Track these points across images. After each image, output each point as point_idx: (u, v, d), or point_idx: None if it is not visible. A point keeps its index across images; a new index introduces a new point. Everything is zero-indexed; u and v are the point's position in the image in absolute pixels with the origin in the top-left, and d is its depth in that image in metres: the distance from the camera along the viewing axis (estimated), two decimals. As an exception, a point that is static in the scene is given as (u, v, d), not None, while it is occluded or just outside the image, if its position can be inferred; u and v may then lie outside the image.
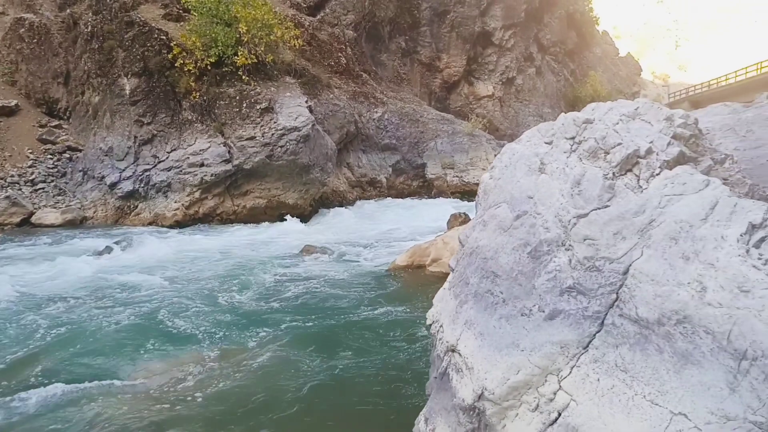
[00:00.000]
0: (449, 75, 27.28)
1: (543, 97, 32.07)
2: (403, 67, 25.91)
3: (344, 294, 7.60)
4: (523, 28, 29.55)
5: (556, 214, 2.96)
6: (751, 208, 2.44)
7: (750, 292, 2.21)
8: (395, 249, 10.89)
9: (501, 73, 29.02)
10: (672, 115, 3.02)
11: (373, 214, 16.00)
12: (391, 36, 25.27)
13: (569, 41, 35.49)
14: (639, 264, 2.61)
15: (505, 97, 29.71)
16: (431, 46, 26.63)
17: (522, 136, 3.70)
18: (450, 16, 26.46)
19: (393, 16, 24.65)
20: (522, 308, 2.89)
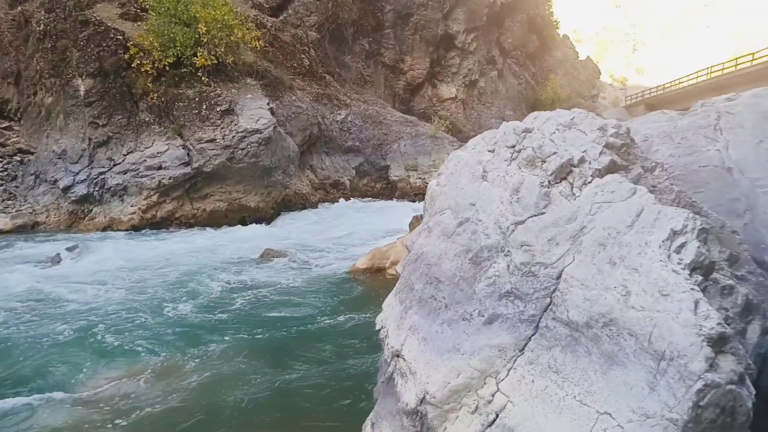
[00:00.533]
0: (413, 77, 27.46)
1: (505, 100, 32.62)
2: (366, 69, 25.94)
3: (301, 299, 7.53)
4: (485, 31, 30.00)
5: (496, 221, 3.05)
6: (673, 215, 2.57)
7: (669, 295, 2.34)
8: (356, 252, 10.92)
9: (464, 76, 29.38)
10: (605, 125, 3.15)
11: (336, 216, 15.96)
12: (354, 38, 25.27)
13: (530, 45, 36.20)
14: (571, 269, 2.72)
15: (468, 99, 30.09)
16: (395, 49, 26.75)
17: (468, 143, 3.79)
18: (413, 19, 26.65)
19: (356, 18, 24.66)
20: (463, 313, 2.97)
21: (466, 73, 29.43)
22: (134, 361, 5.53)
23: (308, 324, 6.48)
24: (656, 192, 2.98)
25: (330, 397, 4.61)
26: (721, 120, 4.21)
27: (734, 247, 3.02)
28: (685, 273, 2.42)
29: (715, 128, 4.18)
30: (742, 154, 3.97)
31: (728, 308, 2.61)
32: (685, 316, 2.24)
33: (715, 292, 2.63)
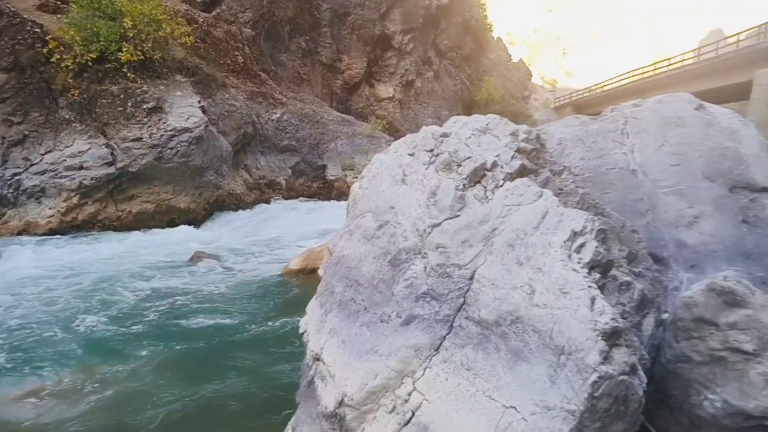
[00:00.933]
0: (350, 76, 27.44)
1: (441, 100, 33.23)
2: (303, 67, 25.68)
3: (229, 305, 7.32)
4: (422, 32, 30.42)
5: (414, 224, 3.12)
6: (575, 217, 2.72)
7: (569, 293, 2.48)
8: (290, 253, 10.80)
9: (401, 76, 29.67)
10: (517, 130, 3.29)
11: (271, 216, 15.71)
12: (291, 36, 24.95)
13: (465, 47, 37.04)
14: (482, 270, 2.82)
15: (405, 99, 30.42)
16: (332, 48, 26.63)
17: (390, 146, 3.85)
18: (350, 18, 26.62)
19: (293, 15, 24.35)
20: (381, 315, 3.01)
21: (403, 73, 29.73)
22: (35, 381, 5.03)
23: (235, 330, 6.27)
24: (562, 194, 3.14)
25: (254, 405, 4.50)
26: (627, 125, 4.48)
27: (633, 246, 3.23)
28: (584, 271, 2.57)
29: (622, 132, 4.45)
30: (645, 157, 4.25)
31: (625, 303, 2.79)
32: (582, 313, 2.38)
33: (614, 289, 2.81)
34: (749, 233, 3.80)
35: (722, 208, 3.90)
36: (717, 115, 4.35)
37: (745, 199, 3.92)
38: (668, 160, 4.14)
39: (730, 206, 3.91)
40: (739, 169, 4.02)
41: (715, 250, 3.77)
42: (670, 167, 4.11)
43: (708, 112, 4.37)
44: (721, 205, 3.92)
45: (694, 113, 4.35)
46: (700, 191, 3.98)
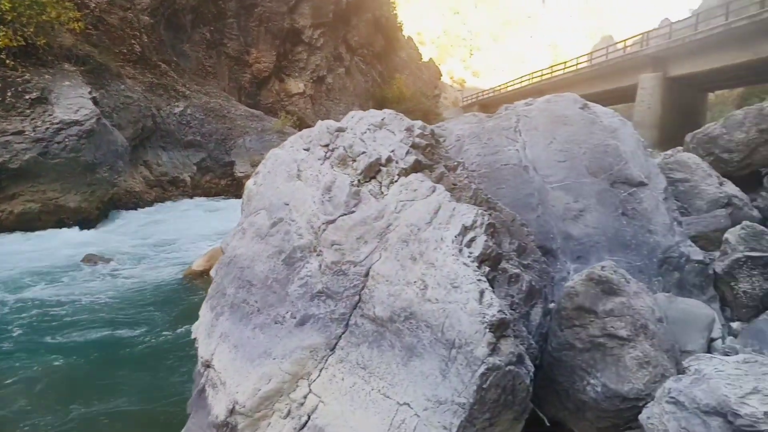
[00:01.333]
0: (259, 70, 26.68)
1: (353, 97, 33.22)
2: (208, 59, 24.60)
3: (123, 311, 6.75)
4: (332, 28, 30.21)
5: (308, 221, 3.03)
6: (465, 212, 2.76)
7: (459, 287, 2.50)
8: (194, 253, 10.28)
9: (312, 71, 29.30)
10: (412, 126, 3.29)
11: (174, 215, 14.89)
12: (194, 25, 23.79)
13: (376, 44, 37.28)
14: (377, 266, 2.79)
15: (317, 95, 30.09)
16: (239, 40, 25.73)
17: (286, 141, 3.72)
18: (258, 10, 25.85)
19: (195, 4, 23.20)
20: (276, 316, 2.90)
21: (314, 69, 29.37)
22: None
23: (127, 341, 5.75)
24: (456, 190, 3.19)
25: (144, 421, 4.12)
26: (520, 122, 4.67)
27: (523, 239, 3.35)
28: (474, 265, 2.61)
29: (515, 130, 4.63)
30: (536, 154, 4.44)
31: (514, 294, 2.88)
32: (471, 306, 2.41)
33: (504, 281, 2.89)
34: (628, 225, 4.08)
35: (604, 202, 4.17)
36: (600, 114, 4.64)
37: (624, 193, 4.21)
38: (556, 156, 4.36)
39: (611, 200, 4.18)
40: (619, 165, 4.31)
41: (598, 241, 4.02)
42: (558, 163, 4.33)
43: (592, 112, 4.65)
44: (603, 198, 4.18)
45: (579, 112, 4.61)
46: (585, 186, 4.22)
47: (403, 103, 36.07)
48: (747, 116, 5.32)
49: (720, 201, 5.10)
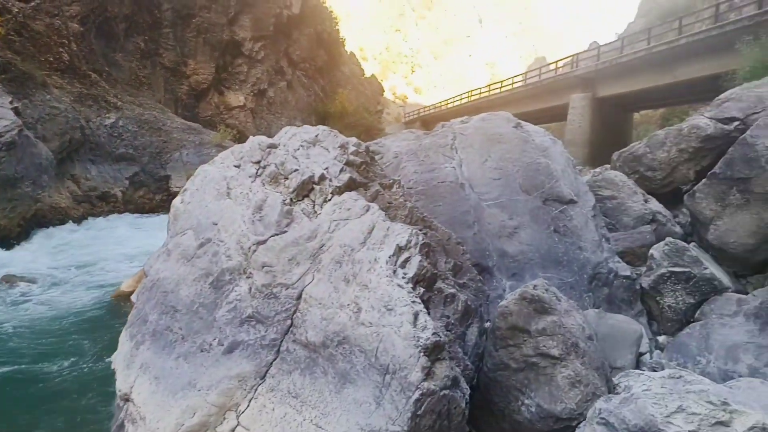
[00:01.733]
0: (197, 82, 25.95)
1: (295, 111, 32.92)
2: (143, 69, 23.69)
3: (43, 337, 6.21)
4: (273, 41, 29.90)
5: (238, 241, 2.89)
6: (400, 231, 2.71)
7: (393, 309, 2.44)
8: (124, 273, 9.75)
9: (252, 84, 28.81)
10: (346, 142, 3.23)
11: (104, 233, 14.11)
12: (127, 34, 22.88)
13: (318, 59, 37.21)
14: (310, 288, 2.69)
15: (257, 108, 29.59)
16: (176, 50, 24.96)
17: (216, 157, 3.57)
18: (195, 21, 25.21)
19: (129, 13, 22.36)
20: (202, 344, 2.73)
21: (255, 82, 28.90)
22: None
23: (45, 372, 5.23)
24: (392, 208, 3.14)
25: None
26: (456, 140, 4.71)
27: (459, 257, 3.34)
28: (409, 286, 2.56)
29: (451, 147, 4.66)
30: (472, 171, 4.49)
31: (450, 315, 2.85)
32: (405, 329, 2.35)
33: (439, 301, 2.85)
34: (560, 242, 4.17)
35: (538, 219, 4.25)
36: (532, 133, 4.76)
37: (555, 211, 4.31)
38: (491, 174, 4.42)
39: (543, 217, 4.27)
40: (550, 183, 4.41)
41: (532, 258, 4.08)
42: (493, 181, 4.39)
43: (524, 130, 4.76)
44: (536, 216, 4.26)
45: (512, 131, 4.70)
46: (519, 203, 4.29)
47: (346, 117, 36.12)
48: (668, 136, 5.61)
49: (645, 217, 5.33)
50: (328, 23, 40.27)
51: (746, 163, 4.07)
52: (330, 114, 35.54)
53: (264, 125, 29.69)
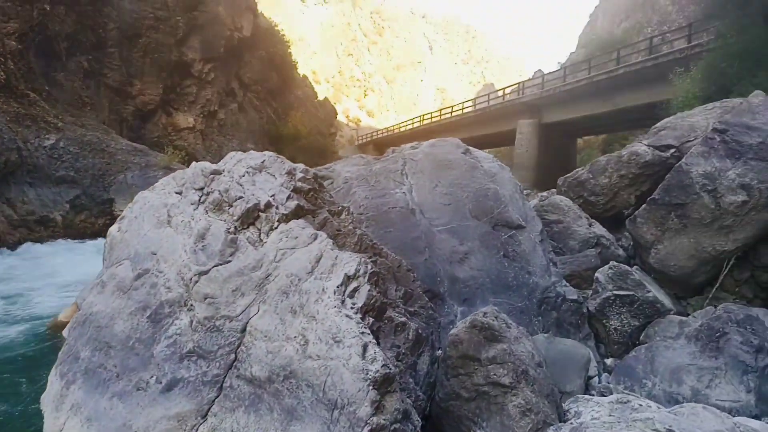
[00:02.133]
0: (143, 103, 25.27)
1: (247, 133, 32.53)
2: (86, 89, 22.88)
3: None
4: (224, 63, 29.59)
5: (179, 272, 2.75)
6: (348, 260, 2.65)
7: (342, 341, 2.36)
8: (61, 302, 9.21)
9: (202, 106, 28.30)
10: (294, 169, 3.16)
11: (40, 259, 13.35)
12: (70, 53, 22.11)
13: (271, 81, 37.05)
14: (255, 320, 2.58)
15: (208, 130, 29.06)
16: (121, 70, 24.27)
17: (158, 182, 3.42)
18: (142, 41, 24.64)
19: (72, 31, 21.65)
20: (138, 382, 2.56)
21: (205, 103, 28.41)
22: None
23: None
24: (341, 236, 3.08)
25: None
26: (406, 165, 4.72)
27: (409, 285, 3.30)
28: (358, 317, 2.50)
29: (401, 173, 4.67)
30: (422, 197, 4.50)
31: (400, 345, 2.79)
32: (354, 362, 2.28)
33: (390, 331, 2.79)
34: (509, 267, 4.21)
35: (488, 244, 4.28)
36: (481, 159, 4.83)
37: (505, 236, 4.36)
38: (442, 199, 4.44)
39: (493, 242, 4.31)
40: (499, 208, 4.47)
41: (483, 283, 4.09)
42: (444, 206, 4.41)
43: (473, 156, 4.83)
44: (486, 241, 4.30)
45: (462, 157, 4.76)
46: (469, 229, 4.32)
47: (299, 140, 35.99)
48: (609, 162, 5.84)
49: (590, 241, 5.48)
50: (280, 46, 40.28)
51: (682, 189, 4.26)
52: (283, 136, 35.32)
53: (215, 147, 29.16)
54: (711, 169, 4.14)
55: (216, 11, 28.48)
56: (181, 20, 26.43)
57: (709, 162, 4.17)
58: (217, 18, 28.63)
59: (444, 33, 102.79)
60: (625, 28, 40.45)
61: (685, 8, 33.72)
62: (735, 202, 3.99)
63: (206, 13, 27.86)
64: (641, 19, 40.00)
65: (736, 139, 4.11)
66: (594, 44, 38.87)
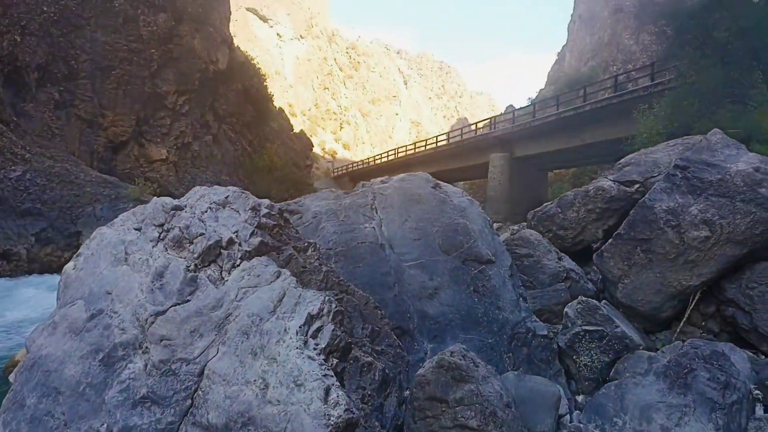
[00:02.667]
0: (115, 134, 24.98)
1: (221, 165, 32.32)
2: (56, 120, 22.55)
3: None
4: (198, 95, 29.56)
5: (134, 312, 2.64)
6: (312, 299, 2.58)
7: (303, 385, 2.27)
8: (21, 340, 8.80)
9: (176, 138, 28.08)
10: (258, 204, 3.10)
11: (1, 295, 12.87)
12: (40, 84, 21.87)
13: (246, 114, 37.09)
14: (213, 363, 2.47)
15: (181, 162, 28.76)
16: (93, 101, 24.03)
17: (117, 218, 3.31)
18: (116, 73, 24.52)
19: (43, 62, 21.46)
20: (88, 430, 2.41)
21: (178, 135, 28.21)
22: None
23: None
24: (306, 273, 3.01)
25: None
26: (376, 200, 4.70)
27: (377, 323, 3.23)
28: (321, 358, 2.41)
29: (371, 207, 4.64)
30: (392, 232, 4.46)
31: (366, 386, 2.71)
32: (315, 407, 2.19)
33: (355, 371, 2.71)
34: (479, 302, 4.17)
35: (457, 279, 4.25)
36: (450, 194, 4.84)
37: (475, 271, 4.34)
38: (411, 234, 4.41)
39: (463, 277, 4.27)
40: (469, 243, 4.46)
41: (452, 319, 4.04)
42: (413, 241, 4.37)
43: (443, 191, 4.84)
44: (456, 276, 4.26)
45: (431, 191, 4.76)
46: (439, 264, 4.29)
47: (274, 172, 35.90)
48: (576, 197, 5.92)
49: (560, 275, 5.50)
50: (255, 79, 40.56)
51: (647, 224, 4.33)
52: (258, 168, 35.17)
53: (188, 179, 28.83)
54: (674, 204, 4.22)
55: (191, 44, 28.59)
56: (156, 53, 26.45)
57: (672, 198, 4.25)
58: (192, 51, 28.71)
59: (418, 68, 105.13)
60: (592, 66, 41.95)
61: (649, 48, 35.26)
62: (698, 237, 4.06)
63: (181, 47, 27.93)
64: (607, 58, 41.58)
65: (696, 176, 4.21)
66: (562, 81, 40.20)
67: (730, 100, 9.92)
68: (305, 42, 78.04)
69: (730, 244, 4.06)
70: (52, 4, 22.49)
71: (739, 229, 4.03)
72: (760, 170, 4.08)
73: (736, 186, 4.08)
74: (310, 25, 79.88)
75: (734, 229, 4.03)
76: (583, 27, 50.68)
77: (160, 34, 26.91)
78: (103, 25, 24.47)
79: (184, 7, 28.61)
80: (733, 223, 4.03)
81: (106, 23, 24.60)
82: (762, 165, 4.12)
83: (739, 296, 4.19)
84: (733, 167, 4.18)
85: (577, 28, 52.57)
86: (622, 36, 41.01)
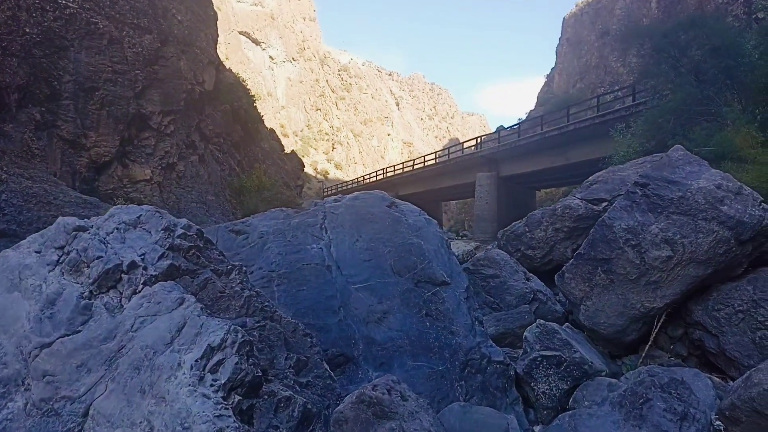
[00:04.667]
0: (98, 155, 24.60)
1: (207, 185, 31.97)
2: (37, 141, 22.21)
3: None
4: (184, 116, 29.33)
5: (18, 344, 2.37)
6: (215, 328, 2.31)
7: (190, 428, 2.00)
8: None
9: (160, 158, 27.75)
10: (173, 225, 2.86)
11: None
12: (21, 105, 21.57)
13: (235, 134, 36.92)
14: (99, 402, 2.20)
15: (166, 182, 28.40)
16: (76, 122, 23.72)
17: (25, 240, 3.05)
18: (99, 93, 24.25)
19: (24, 83, 21.22)
20: (-48, 481, 2.13)
21: (163, 155, 27.88)
22: None
23: None
24: (223, 298, 2.76)
25: None
26: (326, 219, 4.46)
27: (305, 352, 2.97)
28: (219, 396, 2.15)
29: (321, 227, 4.40)
30: (341, 252, 4.22)
31: (281, 425, 2.43)
32: (200, 454, 1.92)
33: (268, 409, 2.44)
34: (431, 327, 3.92)
35: (408, 303, 4.00)
36: (406, 213, 4.61)
37: (428, 293, 4.09)
38: (362, 255, 4.17)
39: (415, 300, 4.02)
40: (423, 264, 4.22)
41: (401, 345, 3.78)
42: (363, 262, 4.13)
43: (398, 210, 4.61)
44: (407, 299, 4.01)
45: (385, 210, 4.53)
46: (390, 286, 4.04)
47: (263, 192, 35.64)
48: (544, 215, 5.72)
49: (527, 296, 5.27)
50: (245, 100, 40.52)
51: (607, 244, 4.11)
52: (246, 188, 34.88)
53: (173, 199, 28.47)
54: (634, 223, 4.01)
55: (177, 65, 28.50)
56: (141, 74, 26.32)
57: (632, 216, 4.05)
58: (178, 72, 28.61)
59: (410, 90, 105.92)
60: (580, 88, 42.34)
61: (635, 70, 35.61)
62: (660, 257, 3.84)
63: (167, 68, 27.82)
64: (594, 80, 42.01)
65: (657, 193, 4.01)
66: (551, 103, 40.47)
67: (705, 117, 9.84)
68: (297, 64, 78.62)
69: (693, 264, 3.85)
70: (35, 26, 22.38)
71: (701, 248, 3.82)
72: (722, 187, 3.89)
73: (698, 204, 3.89)
74: (302, 48, 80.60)
75: (697, 249, 3.82)
76: (570, 50, 51.36)
77: (145, 56, 26.80)
78: (87, 47, 24.34)
79: (170, 29, 28.60)
80: (695, 243, 3.82)
81: (90, 44, 24.48)
82: (723, 182, 3.93)
83: (705, 318, 3.97)
84: (694, 184, 3.99)
85: (565, 51, 53.28)
86: (609, 59, 41.51)
